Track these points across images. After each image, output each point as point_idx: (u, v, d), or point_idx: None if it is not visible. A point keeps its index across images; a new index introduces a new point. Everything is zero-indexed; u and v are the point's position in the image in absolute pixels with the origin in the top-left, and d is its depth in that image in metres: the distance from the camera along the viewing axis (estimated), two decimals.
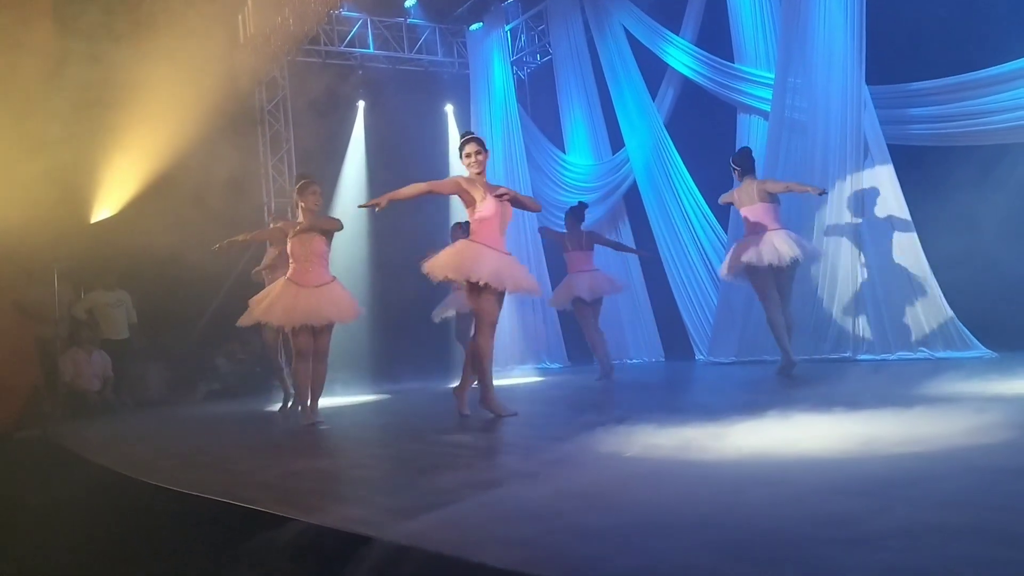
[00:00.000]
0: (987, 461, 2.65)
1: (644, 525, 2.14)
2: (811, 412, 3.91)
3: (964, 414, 3.49)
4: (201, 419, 7.49)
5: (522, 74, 13.46)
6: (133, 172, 10.10)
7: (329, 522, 2.37)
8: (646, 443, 3.46)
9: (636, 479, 2.78)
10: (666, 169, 10.38)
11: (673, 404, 6.02)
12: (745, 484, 2.56)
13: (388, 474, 3.47)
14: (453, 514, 2.40)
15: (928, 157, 7.65)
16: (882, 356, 7.49)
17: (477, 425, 5.21)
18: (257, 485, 3.31)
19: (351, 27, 12.20)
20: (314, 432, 5.65)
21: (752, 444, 3.27)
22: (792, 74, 8.41)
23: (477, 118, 12.77)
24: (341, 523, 2.34)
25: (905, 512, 2.09)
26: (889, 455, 2.87)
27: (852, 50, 7.72)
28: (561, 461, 3.22)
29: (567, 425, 4.87)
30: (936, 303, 7.24)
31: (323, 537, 2.24)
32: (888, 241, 7.58)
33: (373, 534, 2.18)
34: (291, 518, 2.49)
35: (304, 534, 2.34)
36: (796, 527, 2.02)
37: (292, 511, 2.59)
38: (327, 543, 2.20)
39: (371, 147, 12.52)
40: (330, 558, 2.13)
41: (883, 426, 3.44)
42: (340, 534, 2.25)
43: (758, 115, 9.05)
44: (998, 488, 2.29)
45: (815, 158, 8.04)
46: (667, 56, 10.20)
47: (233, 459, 4.43)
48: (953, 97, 7.36)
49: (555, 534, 2.12)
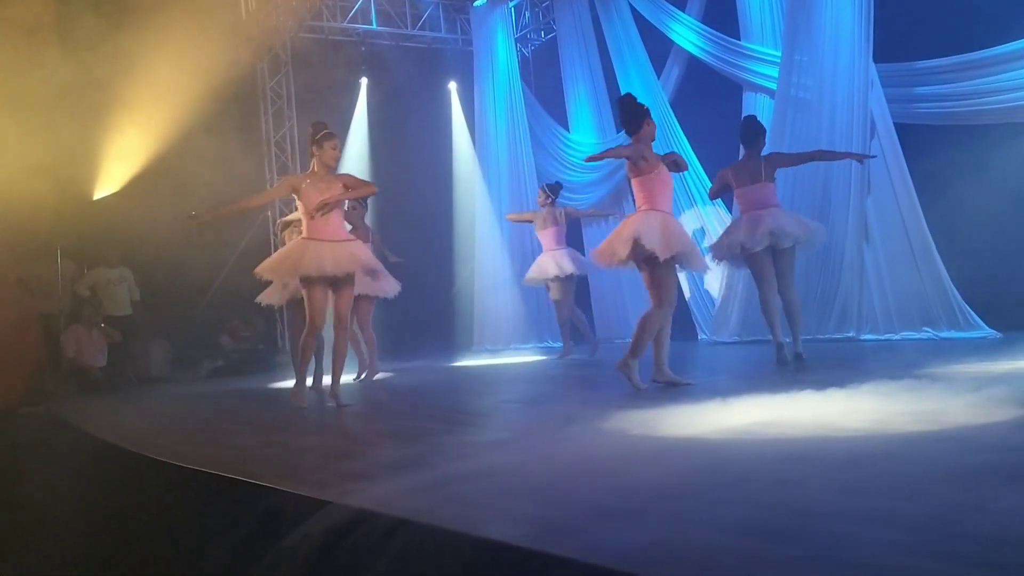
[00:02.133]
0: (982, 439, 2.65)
1: (652, 501, 2.14)
2: (811, 391, 3.90)
3: (963, 392, 3.49)
4: (204, 396, 7.50)
5: (526, 51, 13.36)
6: (136, 149, 10.07)
7: (333, 497, 2.37)
8: (650, 421, 3.46)
9: (642, 456, 2.78)
10: (670, 148, 10.30)
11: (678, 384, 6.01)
12: (749, 461, 2.56)
13: (394, 451, 3.48)
14: (460, 490, 2.40)
15: (935, 136, 7.59)
16: (886, 336, 7.47)
17: (483, 403, 5.22)
18: (260, 460, 3.32)
19: (354, 3, 12.10)
20: (321, 409, 5.65)
21: (754, 421, 3.27)
22: (799, 52, 8.34)
23: (480, 95, 12.69)
24: (345, 498, 2.35)
25: (907, 488, 2.09)
26: (890, 432, 2.87)
27: (860, 28, 7.64)
28: (567, 438, 3.23)
29: (572, 403, 4.87)
30: (941, 283, 7.21)
31: (328, 512, 2.24)
32: (893, 220, 7.54)
33: (378, 509, 2.18)
34: (294, 492, 2.49)
35: (308, 509, 2.34)
36: (802, 503, 2.01)
37: (296, 486, 2.59)
38: (331, 518, 2.20)
39: (373, 124, 12.46)
40: (333, 532, 2.14)
41: (883, 404, 3.43)
42: (344, 508, 2.25)
43: (764, 93, 8.98)
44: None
45: (821, 137, 7.97)
46: (672, 33, 10.11)
47: (237, 435, 4.44)
48: (960, 76, 7.30)
49: (563, 510, 2.12)
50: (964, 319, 7.07)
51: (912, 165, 7.45)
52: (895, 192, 7.52)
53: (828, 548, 1.69)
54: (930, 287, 7.26)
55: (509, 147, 12.11)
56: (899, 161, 7.51)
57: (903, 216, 7.46)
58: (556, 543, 1.82)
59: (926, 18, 7.62)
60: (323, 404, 5.85)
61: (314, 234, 5.31)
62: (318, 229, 5.31)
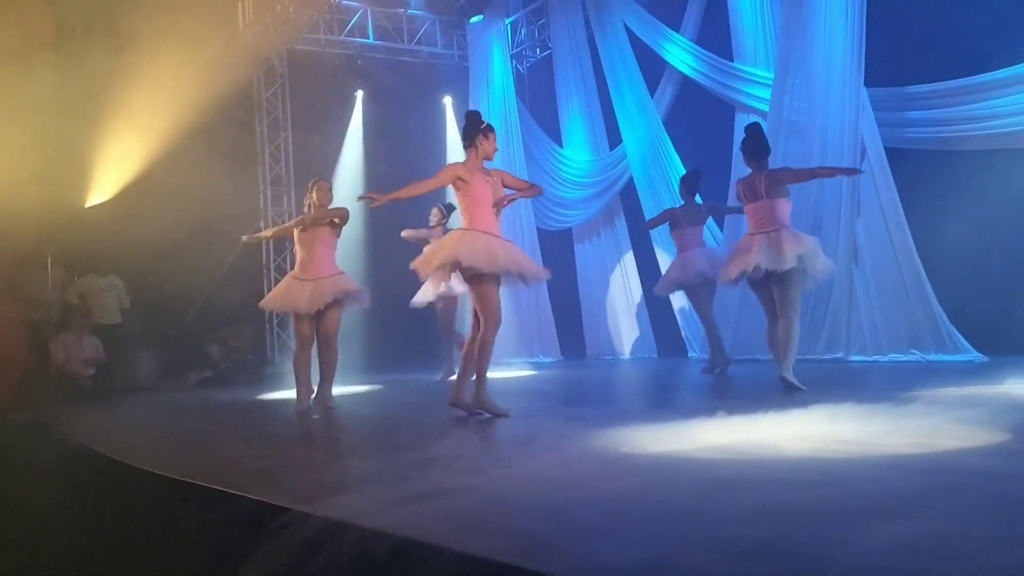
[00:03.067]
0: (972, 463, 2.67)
1: (639, 520, 2.14)
2: (798, 410, 3.92)
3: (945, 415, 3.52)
4: (191, 406, 7.47)
5: (521, 68, 13.43)
6: (129, 157, 10.06)
7: (320, 510, 2.37)
8: (638, 438, 3.47)
9: (629, 474, 2.79)
10: (663, 166, 10.38)
11: (665, 400, 6.04)
12: (735, 480, 2.57)
13: (379, 464, 3.47)
14: (444, 505, 2.41)
15: (925, 160, 7.66)
16: (874, 357, 7.51)
17: (470, 418, 5.22)
18: (245, 472, 3.31)
19: (351, 16, 12.15)
20: (306, 421, 5.65)
21: (740, 440, 3.28)
22: (791, 75, 8.42)
23: (475, 110, 12.73)
24: (332, 511, 2.35)
25: (886, 508, 2.10)
26: (873, 454, 2.89)
27: (851, 52, 7.72)
28: (553, 455, 3.23)
29: (559, 419, 4.88)
30: (929, 306, 7.26)
31: (314, 525, 2.24)
32: (882, 243, 7.59)
33: (362, 522, 2.18)
34: (282, 506, 2.49)
35: (296, 522, 2.34)
36: (787, 523, 2.03)
37: (284, 499, 2.59)
38: (318, 531, 2.20)
39: (369, 137, 12.48)
40: (321, 546, 2.14)
41: (866, 425, 3.46)
42: (331, 522, 2.25)
43: (756, 115, 9.02)
44: None
45: (813, 159, 8.02)
46: (667, 53, 10.20)
47: (223, 446, 4.43)
48: (950, 101, 7.39)
49: (549, 527, 2.13)
50: (951, 342, 7.11)
51: (902, 188, 7.51)
52: (884, 215, 7.57)
53: (813, 567, 1.71)
54: (918, 310, 7.31)
55: (503, 162, 12.13)
56: (889, 184, 7.57)
57: (892, 239, 7.51)
58: (542, 560, 1.82)
59: (917, 44, 7.71)
60: (312, 416, 5.84)
61: (302, 273, 6.13)
62: (306, 267, 6.12)
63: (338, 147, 12.46)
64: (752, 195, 5.66)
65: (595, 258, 11.75)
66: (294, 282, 6.15)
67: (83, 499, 4.02)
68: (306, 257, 6.16)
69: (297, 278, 6.15)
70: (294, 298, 6.06)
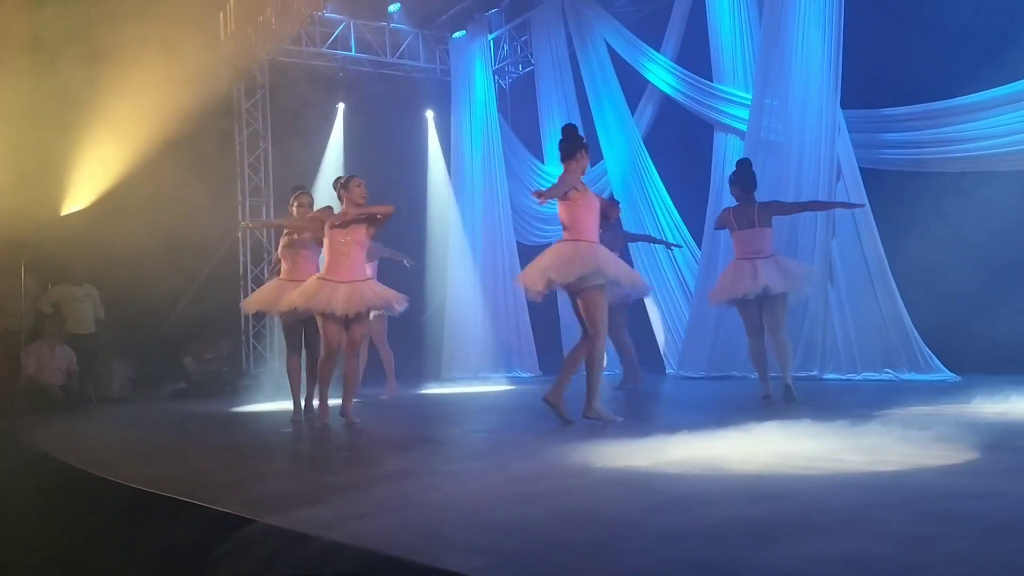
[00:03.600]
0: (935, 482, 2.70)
1: (612, 537, 2.14)
2: (774, 425, 3.95)
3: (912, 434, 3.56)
4: (165, 418, 7.40)
5: (503, 83, 13.49)
6: (106, 166, 9.99)
7: (283, 522, 2.35)
8: (613, 454, 3.47)
9: (603, 489, 2.79)
10: (643, 183, 10.45)
11: (641, 416, 6.05)
12: (707, 496, 2.58)
13: (354, 478, 3.45)
14: (417, 519, 2.39)
15: (899, 182, 7.77)
16: (848, 376, 7.58)
17: (446, 432, 5.20)
18: (215, 485, 3.28)
19: (333, 29, 12.16)
20: (281, 434, 5.60)
21: (717, 457, 3.30)
22: (769, 95, 8.52)
23: (457, 125, 12.78)
24: (295, 523, 2.33)
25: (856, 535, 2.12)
26: (842, 471, 2.91)
27: (828, 74, 7.83)
28: (528, 471, 3.22)
29: (536, 435, 4.87)
30: (902, 325, 7.34)
31: (276, 537, 2.22)
32: (857, 263, 7.68)
33: (332, 536, 2.17)
34: (252, 519, 2.46)
35: (258, 533, 2.31)
36: (761, 539, 2.03)
37: (254, 512, 2.56)
38: (280, 543, 2.18)
39: (349, 149, 12.47)
40: (282, 557, 2.12)
41: (835, 443, 3.49)
42: (294, 534, 2.23)
43: (735, 134, 9.14)
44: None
45: (789, 179, 8.13)
46: (647, 72, 10.29)
47: (195, 458, 4.39)
48: (925, 124, 7.51)
49: (520, 542, 2.12)
50: (924, 361, 7.19)
51: (876, 209, 7.60)
52: (859, 235, 7.66)
53: None
54: (892, 329, 7.38)
55: (484, 177, 12.19)
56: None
57: (867, 259, 7.60)
58: (511, 574, 1.82)
59: (892, 67, 7.83)
60: (285, 428, 5.79)
61: (333, 274, 5.59)
62: (337, 268, 5.59)
63: (319, 159, 12.44)
64: (746, 223, 6.03)
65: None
66: (324, 283, 5.55)
67: (44, 508, 3.96)
68: (336, 260, 5.59)
69: (327, 279, 5.57)
70: (326, 298, 5.45)
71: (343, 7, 11.75)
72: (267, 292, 6.48)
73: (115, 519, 3.33)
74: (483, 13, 12.48)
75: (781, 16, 8.29)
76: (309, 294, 5.52)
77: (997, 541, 1.97)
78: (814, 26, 7.96)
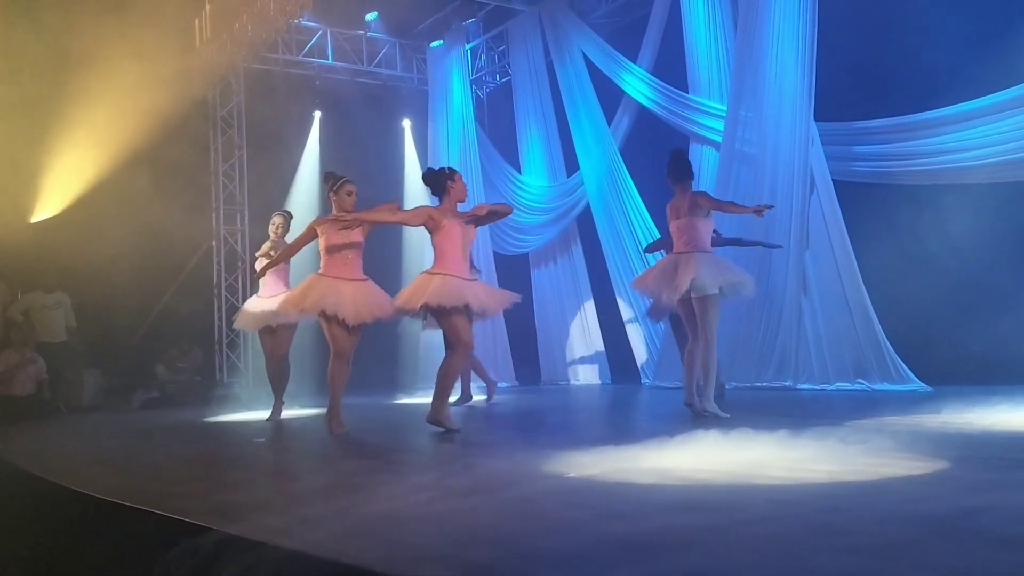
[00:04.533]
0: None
1: (588, 548, 2.13)
2: (747, 440, 3.96)
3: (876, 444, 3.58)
4: (136, 427, 7.30)
5: (481, 93, 13.52)
6: (78, 173, 9.88)
7: (254, 534, 2.32)
8: (588, 464, 3.47)
9: (578, 500, 2.78)
10: (619, 193, 10.50)
11: (616, 426, 6.05)
12: (686, 508, 2.58)
13: (326, 489, 3.42)
14: (392, 532, 2.37)
15: (871, 194, 7.86)
16: (821, 386, 7.64)
17: (419, 442, 5.18)
18: (185, 495, 3.24)
19: (310, 37, 12.14)
20: (253, 444, 5.55)
21: (691, 467, 3.30)
22: (744, 107, 8.60)
23: (434, 135, 12.78)
24: (268, 537, 2.30)
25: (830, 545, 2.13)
26: (807, 481, 2.92)
27: (802, 87, 7.92)
28: (503, 481, 3.21)
29: (510, 444, 4.86)
30: (874, 336, 7.41)
31: (245, 550, 2.20)
32: (830, 274, 7.75)
33: (302, 549, 2.14)
34: (213, 528, 2.43)
35: (230, 546, 2.28)
36: (738, 554, 2.03)
37: (218, 522, 2.53)
38: (250, 556, 2.16)
39: (325, 157, 12.43)
40: (250, 571, 2.09)
41: (805, 453, 3.51)
42: (263, 547, 2.20)
43: (710, 145, 9.22)
44: None
45: (763, 190, 8.20)
46: (624, 83, 10.35)
47: (165, 468, 4.33)
48: (896, 137, 7.61)
49: (493, 553, 2.11)
50: (896, 372, 7.27)
51: (849, 221, 7.69)
52: (832, 246, 7.74)
53: None
54: (864, 340, 7.46)
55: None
56: (837, 216, 7.74)
57: (840, 270, 7.68)
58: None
59: (865, 81, 7.95)
60: (255, 439, 5.74)
61: (337, 272, 5.72)
62: (339, 267, 5.75)
63: (294, 167, 12.39)
64: (675, 214, 5.82)
65: (551, 284, 11.81)
66: (343, 284, 5.59)
67: (12, 520, 3.89)
68: (335, 260, 5.71)
69: (334, 277, 5.62)
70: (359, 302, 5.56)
71: (320, 15, 11.73)
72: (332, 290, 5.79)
73: (76, 528, 3.28)
74: (460, 23, 12.51)
75: (756, 29, 8.38)
76: (333, 294, 5.54)
77: (966, 548, 1.98)
78: (788, 39, 8.06)
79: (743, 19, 8.58)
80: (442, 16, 12.33)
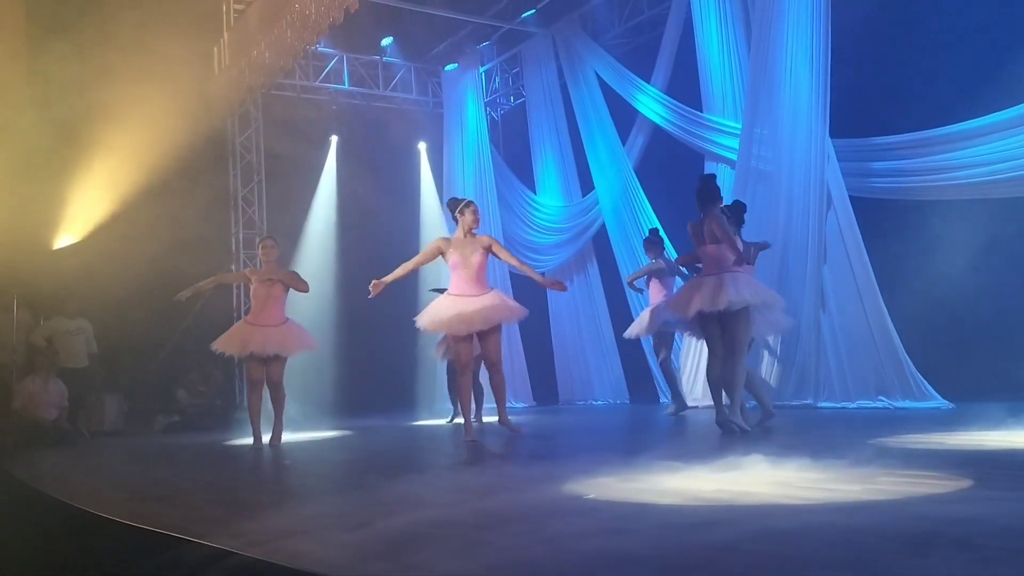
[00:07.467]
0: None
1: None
2: (764, 457, 3.94)
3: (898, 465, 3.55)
4: (157, 451, 7.34)
5: (495, 115, 13.61)
6: (99, 200, 10.01)
7: (280, 559, 2.34)
8: (607, 486, 3.45)
9: (598, 523, 2.77)
10: (634, 213, 10.51)
11: (634, 447, 6.02)
12: (707, 528, 2.56)
13: (345, 512, 3.43)
14: (412, 556, 2.38)
15: (889, 210, 7.82)
16: (842, 404, 7.57)
17: (437, 464, 5.18)
18: (206, 519, 3.25)
19: (326, 63, 12.29)
20: (274, 467, 5.57)
21: (712, 488, 3.28)
22: (759, 125, 8.60)
23: (450, 157, 12.87)
24: (287, 558, 2.31)
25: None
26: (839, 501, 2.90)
27: (817, 104, 7.92)
28: (522, 503, 3.20)
29: (527, 466, 4.85)
30: (895, 353, 7.35)
31: (265, 571, 2.21)
32: (849, 291, 7.71)
33: (311, 568, 2.15)
34: (236, 552, 2.44)
35: (252, 571, 2.30)
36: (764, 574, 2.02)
37: (235, 545, 2.54)
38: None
39: (342, 182, 12.54)
40: None
41: (829, 474, 3.48)
42: (284, 569, 2.21)
43: (725, 164, 9.22)
44: None
45: (779, 208, 8.19)
46: (638, 103, 10.39)
47: (187, 492, 4.35)
48: (914, 153, 7.58)
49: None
50: (918, 389, 7.20)
51: (867, 237, 7.65)
52: (851, 262, 7.70)
53: None
54: (885, 357, 7.39)
55: (479, 206, 12.22)
56: (854, 233, 7.71)
57: (859, 286, 7.63)
58: None
59: (881, 96, 7.93)
60: (268, 460, 5.76)
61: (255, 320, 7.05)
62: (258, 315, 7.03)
63: (312, 192, 12.50)
64: (701, 239, 5.91)
65: (568, 304, 11.81)
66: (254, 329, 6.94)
67: (36, 544, 3.92)
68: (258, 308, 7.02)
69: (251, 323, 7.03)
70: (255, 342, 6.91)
71: (336, 42, 11.88)
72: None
73: (95, 552, 3.30)
74: (474, 46, 12.62)
75: (769, 46, 8.40)
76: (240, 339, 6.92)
77: (990, 569, 1.96)
78: (802, 56, 8.06)
79: (756, 37, 8.61)
80: (456, 40, 12.45)
